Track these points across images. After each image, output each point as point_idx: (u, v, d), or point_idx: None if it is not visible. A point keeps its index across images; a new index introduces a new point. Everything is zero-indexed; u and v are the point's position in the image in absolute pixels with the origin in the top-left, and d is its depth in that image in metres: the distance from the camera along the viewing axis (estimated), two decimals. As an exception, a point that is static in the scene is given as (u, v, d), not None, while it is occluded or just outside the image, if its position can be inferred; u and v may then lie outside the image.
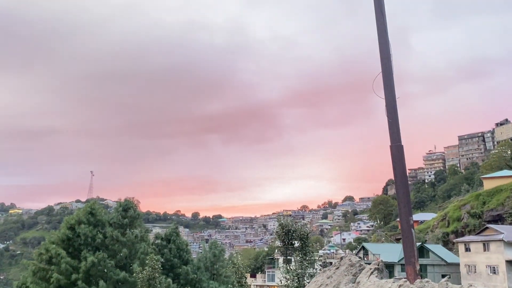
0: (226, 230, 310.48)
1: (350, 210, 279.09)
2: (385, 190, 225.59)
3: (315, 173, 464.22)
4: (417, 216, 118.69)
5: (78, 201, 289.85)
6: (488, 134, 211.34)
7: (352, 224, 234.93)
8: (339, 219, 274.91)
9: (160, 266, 25.82)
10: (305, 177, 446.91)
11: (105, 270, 29.83)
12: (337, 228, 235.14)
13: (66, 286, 28.74)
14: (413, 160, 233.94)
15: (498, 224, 74.19)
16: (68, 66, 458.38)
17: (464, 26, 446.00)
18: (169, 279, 27.32)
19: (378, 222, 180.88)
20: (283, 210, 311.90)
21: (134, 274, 25.91)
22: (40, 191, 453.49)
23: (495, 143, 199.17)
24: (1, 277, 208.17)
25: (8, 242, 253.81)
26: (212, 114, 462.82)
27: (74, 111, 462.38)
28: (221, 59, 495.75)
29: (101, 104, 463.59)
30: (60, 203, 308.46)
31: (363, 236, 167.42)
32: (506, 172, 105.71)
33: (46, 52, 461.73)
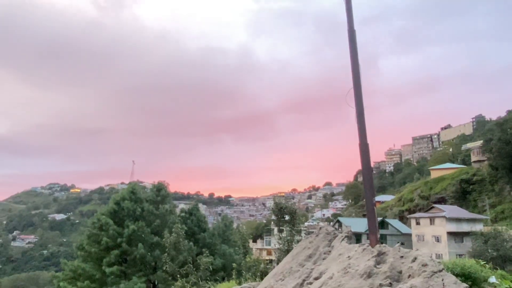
0: (234, 207, 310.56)
1: (329, 193, 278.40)
2: (356, 177, 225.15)
3: (303, 164, 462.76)
4: (379, 198, 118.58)
5: (122, 183, 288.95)
6: (435, 136, 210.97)
7: (330, 203, 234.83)
8: (320, 199, 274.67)
9: (184, 233, 25.90)
10: (295, 167, 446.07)
11: (143, 236, 29.97)
12: (318, 206, 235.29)
13: (112, 247, 28.89)
14: (377, 155, 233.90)
15: (442, 204, 74.26)
16: (117, 81, 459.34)
17: (419, 53, 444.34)
18: (191, 243, 27.41)
19: (350, 201, 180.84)
20: (278, 192, 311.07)
21: (164, 239, 26.02)
22: (94, 175, 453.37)
23: (440, 143, 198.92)
24: (64, 240, 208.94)
25: (69, 214, 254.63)
26: (225, 119, 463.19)
27: (122, 115, 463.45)
28: (233, 76, 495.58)
29: (142, 110, 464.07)
30: (109, 184, 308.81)
31: (338, 212, 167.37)
32: (448, 165, 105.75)
33: (102, 69, 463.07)
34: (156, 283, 29.49)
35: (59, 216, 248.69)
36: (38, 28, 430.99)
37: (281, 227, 24.89)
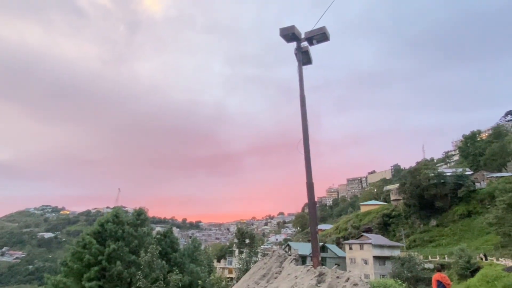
0: (203, 231, 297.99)
1: (281, 221, 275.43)
2: (303, 209, 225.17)
3: (262, 196, 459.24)
4: (321, 226, 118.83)
5: (108, 207, 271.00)
6: (364, 178, 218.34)
7: (282, 229, 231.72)
8: (274, 226, 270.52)
9: (157, 253, 24.30)
10: (256, 198, 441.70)
11: (122, 254, 27.74)
12: (273, 232, 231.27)
13: (94, 264, 26.45)
14: (319, 191, 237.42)
15: (369, 233, 75.33)
16: (112, 121, 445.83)
17: (352, 114, 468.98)
18: (163, 262, 25.62)
19: (298, 229, 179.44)
20: (240, 219, 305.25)
21: (140, 258, 24.25)
22: (84, 199, 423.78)
23: (368, 184, 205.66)
24: (50, 256, 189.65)
25: (57, 233, 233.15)
26: (200, 157, 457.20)
27: (113, 149, 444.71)
28: (210, 124, 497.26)
29: (131, 146, 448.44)
30: (96, 208, 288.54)
31: (289, 237, 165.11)
32: (373, 202, 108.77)
33: (101, 111, 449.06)
34: (129, 297, 27.05)
35: (48, 235, 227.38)
36: (48, 72, 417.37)
37: (241, 249, 24.11)
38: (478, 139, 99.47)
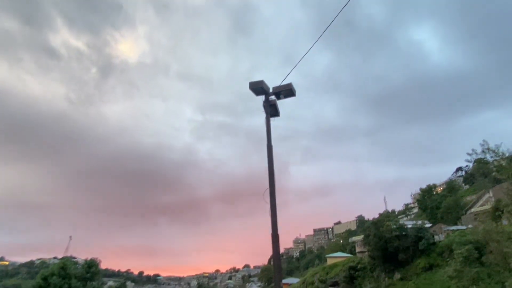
0: (161, 285, 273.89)
1: (247, 274, 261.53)
2: (269, 261, 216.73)
3: (226, 247, 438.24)
4: (288, 280, 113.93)
5: (55, 257, 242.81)
6: (330, 229, 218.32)
7: (247, 284, 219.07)
8: (239, 280, 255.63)
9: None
10: (220, 250, 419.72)
11: (64, 314, 24.51)
12: (237, 287, 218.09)
13: (28, 327, 22.99)
14: (286, 242, 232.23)
15: (335, 287, 73.24)
16: (73, 163, 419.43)
17: (318, 165, 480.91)
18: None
19: (264, 283, 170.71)
20: (203, 272, 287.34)
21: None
22: (27, 248, 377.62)
23: (334, 235, 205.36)
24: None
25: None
26: (164, 204, 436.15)
27: (67, 193, 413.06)
28: (176, 169, 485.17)
29: (90, 190, 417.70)
30: (41, 258, 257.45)
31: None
32: (340, 254, 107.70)
33: (63, 151, 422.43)
34: None
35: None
36: (6, 110, 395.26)
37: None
38: (434, 192, 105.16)
